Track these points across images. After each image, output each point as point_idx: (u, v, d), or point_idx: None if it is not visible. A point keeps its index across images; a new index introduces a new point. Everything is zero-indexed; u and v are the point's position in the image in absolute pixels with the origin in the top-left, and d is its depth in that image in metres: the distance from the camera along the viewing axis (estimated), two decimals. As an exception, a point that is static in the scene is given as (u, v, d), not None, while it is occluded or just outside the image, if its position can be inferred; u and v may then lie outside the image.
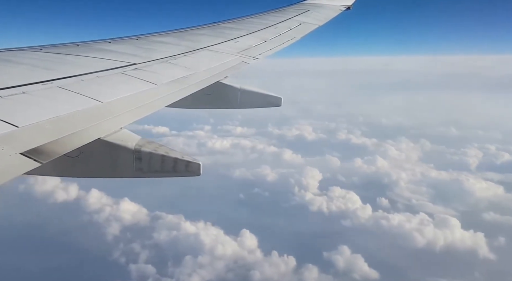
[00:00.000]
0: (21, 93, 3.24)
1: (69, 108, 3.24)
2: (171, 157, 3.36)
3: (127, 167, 3.37)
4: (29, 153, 2.44)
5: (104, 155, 3.28)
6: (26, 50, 4.90)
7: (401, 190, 68.49)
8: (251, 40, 7.60)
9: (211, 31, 8.01)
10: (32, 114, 2.93)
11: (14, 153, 2.39)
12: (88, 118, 3.19)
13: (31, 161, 2.39)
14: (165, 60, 5.45)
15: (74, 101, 3.41)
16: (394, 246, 51.83)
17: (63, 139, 2.76)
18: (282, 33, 8.47)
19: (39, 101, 3.21)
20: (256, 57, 6.70)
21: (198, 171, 3.42)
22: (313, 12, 10.71)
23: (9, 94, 3.17)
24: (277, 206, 62.81)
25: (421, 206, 62.58)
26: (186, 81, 4.80)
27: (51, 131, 2.80)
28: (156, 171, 3.40)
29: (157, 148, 3.39)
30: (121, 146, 3.26)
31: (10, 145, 2.44)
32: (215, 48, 6.68)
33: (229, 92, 5.68)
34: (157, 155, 3.35)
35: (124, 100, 3.78)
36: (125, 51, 5.55)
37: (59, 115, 3.06)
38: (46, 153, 2.53)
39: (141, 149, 3.32)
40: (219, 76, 5.50)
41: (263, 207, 61.96)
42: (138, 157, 3.32)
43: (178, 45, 6.52)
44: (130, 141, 3.34)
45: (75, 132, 2.92)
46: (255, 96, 5.97)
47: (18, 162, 2.34)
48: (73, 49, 5.28)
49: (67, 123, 3.00)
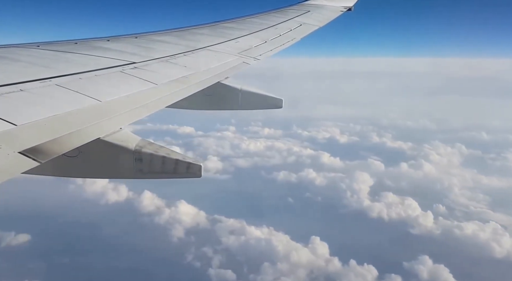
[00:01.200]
0: (19, 91, 3.17)
1: (68, 106, 3.17)
2: (173, 159, 3.31)
3: (127, 168, 3.31)
4: (28, 152, 2.37)
5: (103, 156, 3.22)
6: (23, 47, 4.81)
7: (456, 196, 66.92)
8: (251, 41, 7.56)
9: (211, 31, 7.96)
10: (30, 112, 2.86)
11: (13, 152, 2.32)
12: (87, 118, 3.12)
13: (30, 160, 2.32)
14: (165, 59, 5.38)
15: (73, 99, 3.34)
16: (473, 256, 49.97)
17: (62, 138, 2.70)
18: (282, 34, 8.44)
19: (37, 99, 3.14)
20: (257, 58, 6.65)
21: (199, 172, 3.38)
22: (313, 13, 10.68)
23: (7, 91, 3.09)
24: (334, 211, 61.53)
25: (481, 214, 60.95)
26: (187, 81, 4.74)
27: (50, 130, 2.73)
28: (157, 172, 3.34)
29: (158, 150, 3.34)
30: (121, 147, 3.20)
31: (8, 144, 2.37)
32: (215, 48, 6.63)
33: (229, 93, 5.62)
34: (159, 156, 3.29)
35: (124, 99, 3.71)
36: (124, 49, 5.48)
37: (58, 113, 2.99)
38: (45, 152, 2.46)
39: (141, 150, 3.27)
40: (220, 76, 5.44)
41: (321, 213, 60.77)
42: (139, 158, 3.27)
43: (178, 44, 6.45)
44: (130, 141, 3.28)
45: (74, 132, 2.85)
46: (256, 97, 5.92)
47: (16, 161, 2.27)
48: (71, 47, 5.20)
49: (66, 122, 2.93)
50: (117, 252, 49.49)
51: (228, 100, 5.70)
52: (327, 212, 61.02)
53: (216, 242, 52.60)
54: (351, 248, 50.29)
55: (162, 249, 50.76)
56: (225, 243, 52.40)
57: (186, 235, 54.21)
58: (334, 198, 65.61)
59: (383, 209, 61.32)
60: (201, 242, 52.19)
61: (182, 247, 51.66)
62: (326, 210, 61.80)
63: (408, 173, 76.34)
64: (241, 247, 51.59)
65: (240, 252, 50.52)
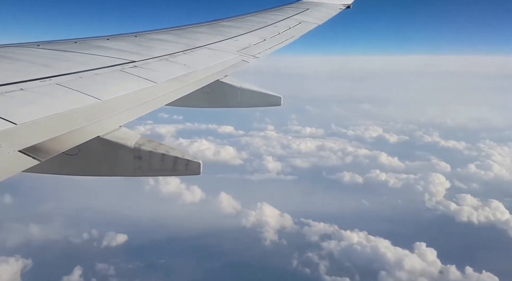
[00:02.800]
0: (19, 90, 3.20)
1: (68, 105, 3.20)
2: (172, 156, 3.33)
3: (126, 166, 3.34)
4: (28, 150, 2.40)
5: (103, 153, 3.24)
6: (23, 46, 4.84)
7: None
8: (250, 39, 7.57)
9: (210, 29, 7.97)
10: (31, 111, 2.88)
11: (13, 150, 2.35)
12: (87, 116, 3.15)
13: (29, 158, 2.35)
14: (164, 58, 5.40)
15: (73, 98, 3.37)
16: None
17: (62, 136, 2.72)
18: (281, 32, 8.44)
19: (38, 98, 3.17)
20: (256, 56, 6.66)
21: (198, 170, 3.40)
22: (312, 11, 10.68)
23: (7, 91, 3.12)
24: (420, 215, 59.21)
25: None
26: (186, 80, 4.76)
27: (50, 128, 2.76)
28: (156, 169, 3.37)
29: (157, 147, 3.36)
30: (120, 145, 3.22)
31: (9, 142, 2.40)
32: (214, 47, 6.65)
33: (229, 91, 5.64)
34: (158, 154, 3.31)
35: (123, 98, 3.74)
36: (124, 48, 5.50)
37: (58, 112, 3.02)
38: (45, 150, 2.49)
39: (141, 147, 3.29)
40: (219, 74, 5.46)
41: (407, 216, 58.11)
42: (138, 156, 3.29)
43: (177, 43, 6.47)
44: (129, 139, 3.31)
45: (74, 130, 2.88)
46: (255, 95, 5.93)
47: (16, 160, 2.30)
48: (71, 46, 5.23)
49: (66, 120, 2.96)
50: (214, 254, 48.41)
51: (227, 98, 5.71)
52: (414, 216, 58.49)
53: (315, 247, 50.81)
54: (460, 254, 47.90)
55: (260, 252, 49.20)
56: (326, 248, 50.40)
57: (279, 238, 52.71)
58: (415, 201, 63.11)
59: (471, 211, 58.71)
60: (297, 246, 50.34)
61: (279, 250, 49.84)
62: (412, 213, 59.17)
63: (478, 174, 73.90)
64: (344, 252, 49.20)
65: (345, 258, 48.29)
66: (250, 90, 5.86)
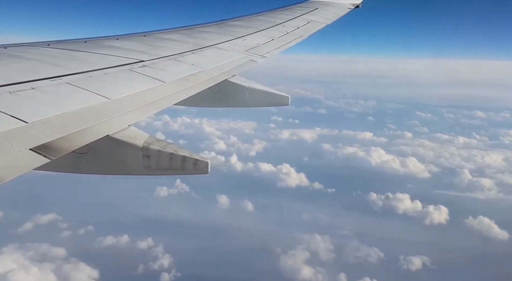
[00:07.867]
0: (30, 89, 3.23)
1: (78, 104, 3.23)
2: (180, 155, 3.35)
3: (135, 165, 3.36)
4: (39, 149, 2.42)
5: (112, 152, 3.27)
6: (34, 45, 4.89)
7: None
8: (258, 38, 7.57)
9: (218, 29, 7.99)
10: (41, 110, 2.92)
11: (24, 148, 2.38)
12: (96, 115, 3.18)
13: (40, 157, 2.37)
14: (173, 57, 5.43)
15: (83, 97, 3.40)
16: None
17: (71, 135, 2.75)
18: (290, 32, 8.43)
19: (48, 97, 3.20)
20: (264, 56, 6.66)
21: (206, 169, 3.41)
22: (321, 11, 10.65)
23: (18, 89, 3.16)
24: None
25: None
26: (194, 79, 4.78)
27: (60, 127, 2.79)
28: (164, 168, 3.39)
29: (165, 146, 3.38)
30: (129, 144, 3.25)
31: (20, 140, 2.43)
32: (222, 46, 6.66)
33: (236, 90, 5.64)
34: (166, 153, 3.33)
35: (132, 97, 3.77)
36: (133, 48, 5.54)
37: (68, 111, 3.05)
38: (55, 149, 2.51)
39: (149, 146, 3.31)
40: (227, 74, 5.48)
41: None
42: (147, 155, 3.31)
43: (185, 42, 6.50)
44: (138, 138, 3.33)
45: (84, 129, 2.91)
46: (263, 95, 5.92)
47: (27, 158, 2.33)
48: (81, 45, 5.27)
49: (76, 119, 2.99)
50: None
51: (235, 97, 5.72)
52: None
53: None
54: None
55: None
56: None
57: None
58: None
59: None
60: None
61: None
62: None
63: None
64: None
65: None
66: (258, 89, 5.86)
